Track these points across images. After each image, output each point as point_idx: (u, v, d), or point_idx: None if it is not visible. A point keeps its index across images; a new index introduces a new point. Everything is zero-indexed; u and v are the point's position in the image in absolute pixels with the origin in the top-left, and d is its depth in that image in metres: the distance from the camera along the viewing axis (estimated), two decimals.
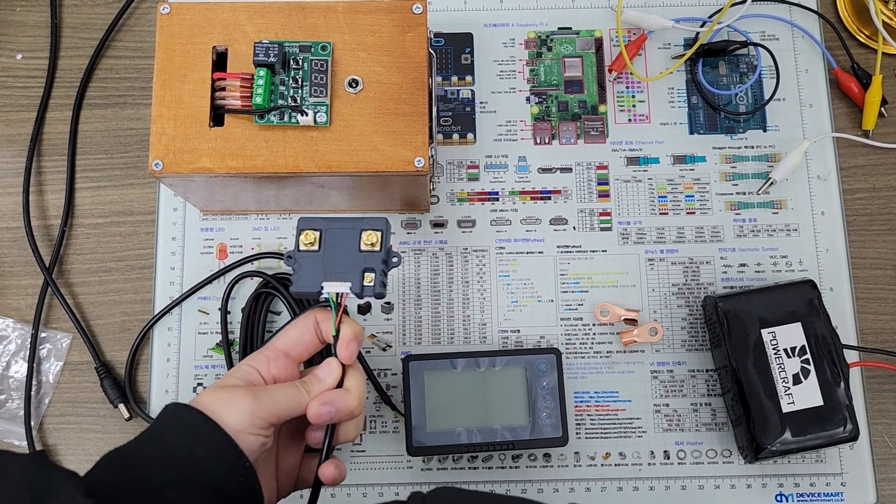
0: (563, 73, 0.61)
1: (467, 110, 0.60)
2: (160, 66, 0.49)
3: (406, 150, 0.48)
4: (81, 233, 0.59)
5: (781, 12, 0.62)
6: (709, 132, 0.60)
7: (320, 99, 0.48)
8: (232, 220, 0.58)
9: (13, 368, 0.57)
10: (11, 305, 0.58)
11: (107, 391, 0.55)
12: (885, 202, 0.59)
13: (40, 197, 0.60)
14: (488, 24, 0.62)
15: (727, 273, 0.58)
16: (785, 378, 0.51)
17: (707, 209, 0.59)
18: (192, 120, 0.48)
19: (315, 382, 0.42)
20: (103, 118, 0.61)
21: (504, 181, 0.59)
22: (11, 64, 0.62)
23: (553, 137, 0.60)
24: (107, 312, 0.58)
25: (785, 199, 0.59)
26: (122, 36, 0.62)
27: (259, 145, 0.48)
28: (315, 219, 0.45)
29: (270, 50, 0.47)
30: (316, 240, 0.44)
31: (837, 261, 0.58)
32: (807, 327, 0.52)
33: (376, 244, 0.44)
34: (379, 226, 0.44)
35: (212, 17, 0.49)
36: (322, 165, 0.48)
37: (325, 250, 0.44)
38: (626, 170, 0.59)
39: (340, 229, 0.44)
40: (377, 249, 0.44)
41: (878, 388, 0.56)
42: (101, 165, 0.60)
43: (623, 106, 0.60)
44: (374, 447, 0.55)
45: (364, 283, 0.43)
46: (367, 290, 0.43)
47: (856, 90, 0.60)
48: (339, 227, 0.44)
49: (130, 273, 0.58)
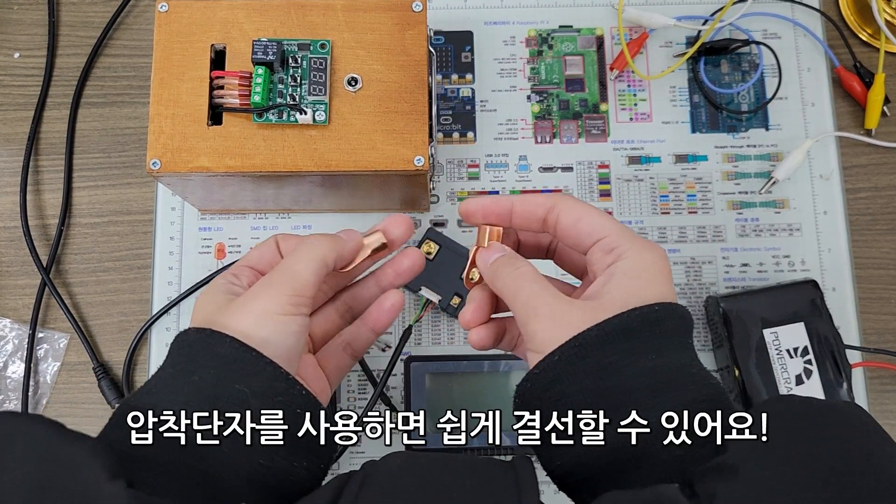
0: (564, 71, 0.61)
1: (467, 109, 0.60)
2: (158, 65, 0.48)
3: (406, 149, 0.48)
4: (79, 232, 0.59)
5: (783, 10, 0.61)
6: (711, 131, 0.60)
7: (319, 97, 0.48)
8: (230, 220, 0.58)
9: (10, 369, 0.57)
10: (8, 305, 0.57)
11: (104, 392, 0.55)
12: (888, 201, 0.59)
13: (37, 196, 0.59)
14: (489, 22, 0.61)
15: (729, 273, 0.57)
16: (787, 378, 0.50)
17: (709, 208, 0.58)
18: (190, 119, 0.48)
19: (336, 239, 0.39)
20: (101, 117, 0.61)
21: (505, 180, 0.59)
22: (9, 62, 0.61)
23: (554, 136, 0.59)
24: (104, 312, 0.57)
25: (787, 199, 0.58)
26: (120, 34, 0.62)
27: (258, 144, 0.48)
28: (442, 235, 0.55)
29: (269, 48, 0.47)
30: (434, 251, 0.54)
31: (840, 261, 0.57)
32: (809, 327, 0.51)
33: (474, 279, 0.46)
34: None
35: (210, 16, 0.49)
36: (321, 164, 0.47)
37: (436, 263, 0.54)
38: (627, 169, 0.59)
39: (454, 253, 0.54)
40: (474, 281, 0.46)
41: (880, 389, 0.56)
42: (99, 164, 0.60)
43: (624, 104, 0.60)
44: (374, 448, 0.54)
45: (451, 302, 0.54)
46: (450, 309, 0.54)
47: (858, 89, 0.59)
48: (453, 251, 0.54)
49: (128, 273, 0.58)
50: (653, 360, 0.33)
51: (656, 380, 0.32)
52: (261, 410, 0.33)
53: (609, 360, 0.32)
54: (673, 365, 0.33)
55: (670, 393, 0.32)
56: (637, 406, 0.32)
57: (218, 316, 0.35)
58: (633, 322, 0.33)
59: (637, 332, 0.33)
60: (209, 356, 0.34)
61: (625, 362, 0.32)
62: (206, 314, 0.36)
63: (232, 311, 0.36)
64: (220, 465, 0.33)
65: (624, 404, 0.32)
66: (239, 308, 0.36)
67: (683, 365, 0.34)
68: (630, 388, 0.32)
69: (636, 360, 0.33)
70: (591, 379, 0.33)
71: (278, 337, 0.35)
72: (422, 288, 0.54)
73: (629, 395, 0.32)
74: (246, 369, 0.34)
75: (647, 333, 0.33)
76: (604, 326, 0.33)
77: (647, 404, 0.32)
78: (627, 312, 0.33)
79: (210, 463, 0.33)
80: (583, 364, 0.33)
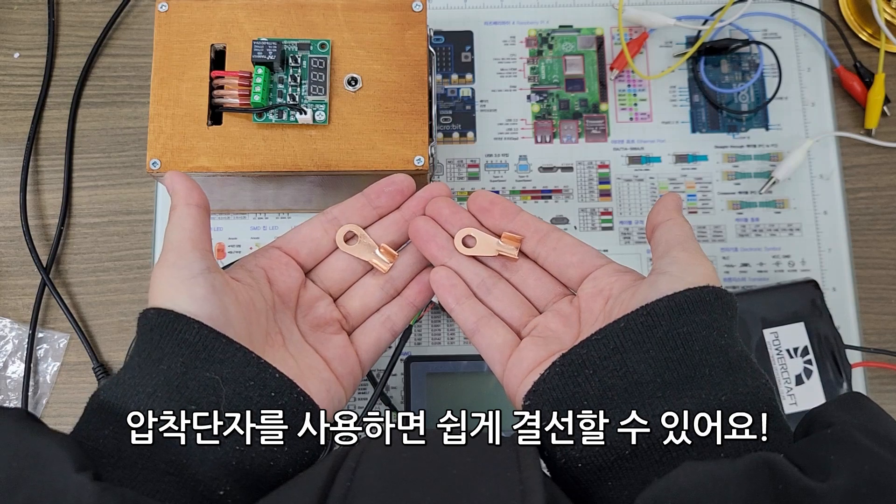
0: (564, 71, 0.61)
1: (467, 109, 0.60)
2: (158, 65, 0.48)
3: (406, 149, 0.48)
4: (79, 232, 0.59)
5: (784, 10, 0.61)
6: (711, 131, 0.60)
7: (319, 97, 0.48)
8: (230, 220, 0.58)
9: (10, 369, 0.56)
10: (8, 305, 0.57)
11: None
12: (888, 201, 0.59)
13: (37, 196, 0.59)
14: (489, 21, 0.61)
15: (729, 273, 0.57)
16: (787, 378, 0.50)
17: (709, 208, 0.58)
18: (189, 118, 0.48)
19: None
20: (101, 117, 0.60)
21: (505, 180, 0.59)
22: (9, 62, 0.61)
23: (554, 136, 0.59)
24: (104, 312, 0.57)
25: (787, 199, 0.58)
26: (120, 34, 0.62)
27: (257, 144, 0.48)
28: None
29: (269, 48, 0.47)
30: None
31: (840, 260, 0.57)
32: (809, 327, 0.51)
33: None
34: None
35: (210, 15, 0.49)
36: (321, 164, 0.47)
37: None
38: (627, 169, 0.59)
39: None
40: None
41: (880, 389, 0.56)
42: (99, 164, 0.60)
43: (624, 104, 0.60)
44: None
45: None
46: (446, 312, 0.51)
47: (858, 89, 0.59)
48: None
49: (128, 273, 0.58)
50: (725, 339, 0.33)
51: (728, 359, 0.32)
52: (232, 399, 0.33)
53: (680, 331, 0.32)
54: (741, 349, 0.33)
55: (740, 376, 0.32)
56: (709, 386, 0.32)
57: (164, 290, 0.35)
58: (707, 295, 0.33)
59: (710, 306, 0.33)
60: (176, 342, 0.33)
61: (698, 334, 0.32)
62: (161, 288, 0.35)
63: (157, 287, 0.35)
64: (192, 453, 0.32)
65: (693, 380, 0.32)
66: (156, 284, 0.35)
67: (745, 353, 0.34)
68: (700, 363, 0.32)
69: (707, 334, 0.32)
70: (658, 349, 0.32)
71: (194, 305, 0.34)
72: None
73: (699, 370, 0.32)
74: (215, 356, 0.33)
75: (719, 310, 0.33)
76: (675, 298, 0.33)
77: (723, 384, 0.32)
78: (699, 288, 0.33)
79: (181, 453, 0.32)
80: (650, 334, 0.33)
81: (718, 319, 0.33)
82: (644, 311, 0.33)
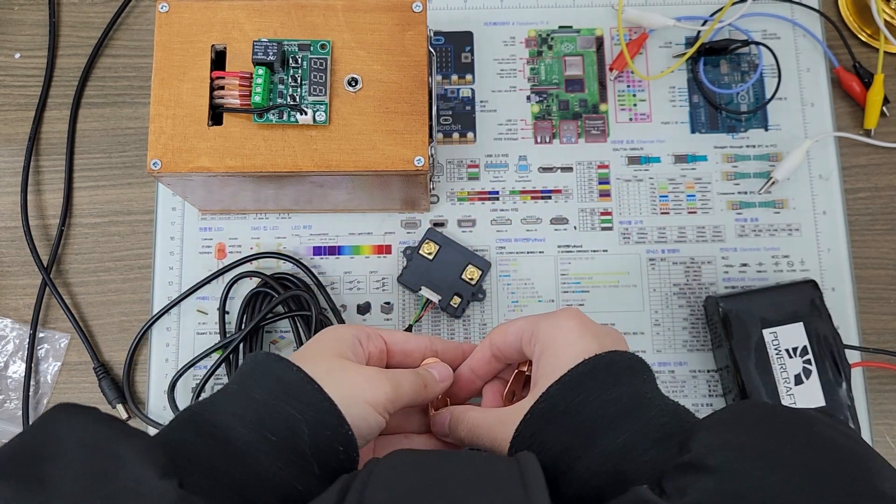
0: (563, 71, 0.61)
1: (467, 109, 0.60)
2: (158, 65, 0.49)
3: (406, 149, 0.48)
4: (79, 232, 0.59)
5: (783, 11, 0.61)
6: (710, 131, 0.60)
7: (319, 98, 0.48)
8: (231, 220, 0.58)
9: (11, 369, 0.57)
10: (9, 305, 0.58)
11: (105, 391, 0.55)
12: (887, 202, 0.59)
13: (38, 196, 0.59)
14: (489, 22, 0.62)
15: (729, 273, 0.57)
16: (787, 378, 0.51)
17: (708, 209, 0.58)
18: (190, 119, 0.48)
19: (431, 379, 0.43)
20: (101, 117, 0.61)
21: (504, 180, 0.59)
22: (9, 63, 0.62)
23: (554, 136, 0.60)
24: (105, 312, 0.57)
25: (786, 199, 0.59)
26: (121, 34, 0.62)
27: (258, 144, 0.48)
28: (442, 235, 0.55)
29: (269, 48, 0.47)
30: (434, 252, 0.55)
31: (839, 261, 0.57)
32: (808, 327, 0.51)
33: (474, 279, 0.54)
34: (482, 266, 0.55)
35: (210, 16, 0.49)
36: (321, 164, 0.47)
37: (436, 263, 0.55)
38: (627, 169, 0.59)
39: (454, 253, 0.55)
40: (472, 283, 0.54)
41: (879, 389, 0.56)
42: (100, 165, 0.60)
43: (624, 105, 0.60)
44: None
45: (450, 302, 0.54)
46: (450, 309, 0.54)
47: (857, 89, 0.59)
48: (454, 251, 0.55)
49: (129, 273, 0.58)
50: (612, 392, 0.37)
51: (619, 408, 0.36)
52: (308, 442, 0.36)
53: (573, 401, 0.37)
54: (631, 392, 0.37)
55: (637, 415, 0.36)
56: (607, 432, 0.36)
57: (322, 365, 0.38)
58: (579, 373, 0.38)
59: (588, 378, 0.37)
60: (268, 376, 0.37)
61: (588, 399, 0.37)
62: (315, 354, 0.40)
63: (338, 372, 0.39)
64: (260, 478, 0.34)
65: (593, 434, 0.36)
66: (342, 375, 0.38)
67: (639, 392, 0.37)
68: (595, 418, 0.36)
69: (597, 395, 0.37)
70: (562, 422, 0.37)
71: (357, 420, 0.37)
72: (422, 288, 0.54)
73: (596, 424, 0.36)
74: (302, 397, 0.36)
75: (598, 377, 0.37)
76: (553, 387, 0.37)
77: (618, 428, 0.36)
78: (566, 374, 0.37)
79: (250, 471, 0.34)
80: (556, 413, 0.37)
81: (604, 379, 0.37)
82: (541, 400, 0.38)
